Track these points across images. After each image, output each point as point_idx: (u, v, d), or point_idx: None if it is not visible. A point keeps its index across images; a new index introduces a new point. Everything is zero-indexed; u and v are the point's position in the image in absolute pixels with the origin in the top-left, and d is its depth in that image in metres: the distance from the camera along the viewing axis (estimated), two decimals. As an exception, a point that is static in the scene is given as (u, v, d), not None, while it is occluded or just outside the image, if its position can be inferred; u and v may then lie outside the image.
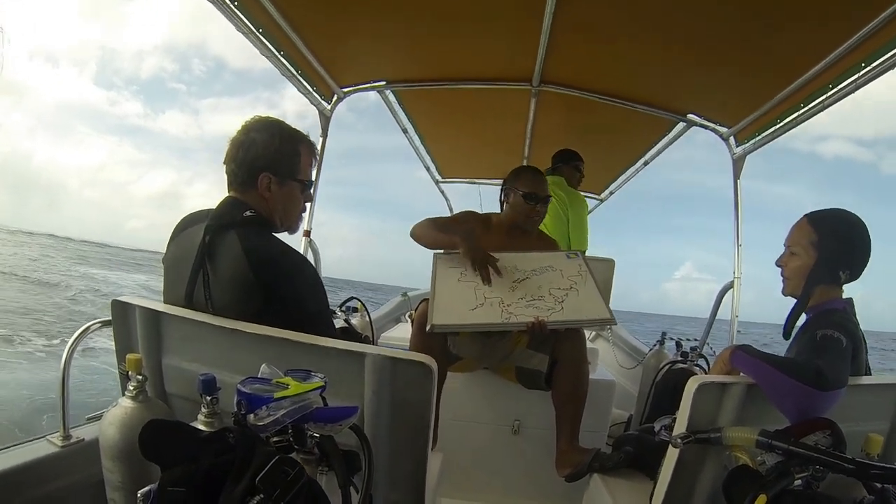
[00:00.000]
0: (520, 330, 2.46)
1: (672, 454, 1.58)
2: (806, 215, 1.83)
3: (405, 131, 4.34)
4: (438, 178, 5.88)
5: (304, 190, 1.77)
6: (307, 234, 3.46)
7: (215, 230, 1.56)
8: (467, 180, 5.91)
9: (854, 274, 1.77)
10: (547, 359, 2.59)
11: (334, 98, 3.51)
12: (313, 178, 1.84)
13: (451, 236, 2.66)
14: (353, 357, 1.42)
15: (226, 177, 1.70)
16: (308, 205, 1.91)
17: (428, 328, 2.34)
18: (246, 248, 1.52)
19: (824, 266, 1.76)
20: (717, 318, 3.56)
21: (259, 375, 1.15)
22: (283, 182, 1.69)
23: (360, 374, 1.42)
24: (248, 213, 1.61)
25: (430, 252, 2.73)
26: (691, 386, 1.52)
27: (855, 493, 1.36)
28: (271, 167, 1.66)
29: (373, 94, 3.67)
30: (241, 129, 1.68)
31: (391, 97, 3.76)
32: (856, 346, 1.62)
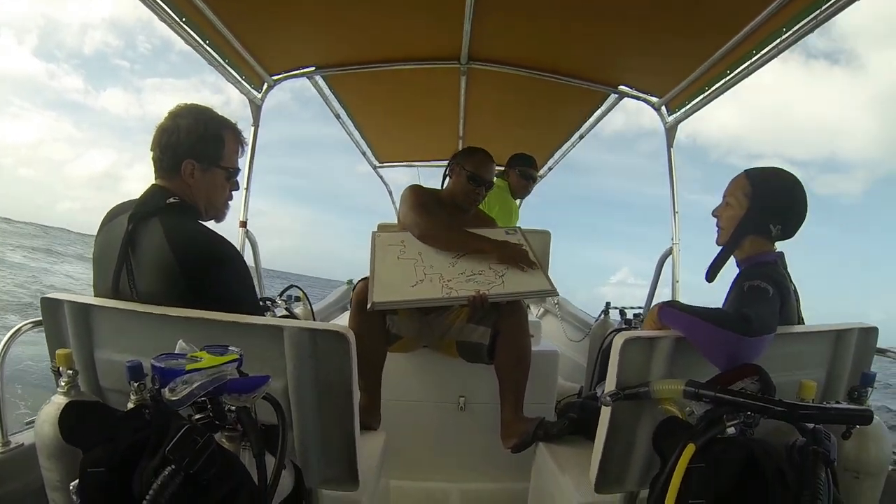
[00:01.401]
0: (461, 304, 2.39)
1: (605, 413, 1.49)
2: (745, 170, 1.78)
3: (338, 117, 4.21)
4: (375, 163, 5.73)
5: (229, 177, 1.72)
6: (243, 224, 3.31)
7: (139, 218, 1.52)
8: (405, 164, 5.77)
9: (786, 230, 1.71)
10: (489, 332, 2.49)
11: (265, 86, 3.38)
12: (240, 167, 1.78)
13: (473, 242, 2.57)
14: (272, 333, 1.37)
15: (152, 164, 1.66)
16: (235, 193, 1.80)
17: (369, 306, 2.24)
18: (168, 235, 1.48)
19: (755, 216, 1.70)
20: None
21: (176, 352, 1.12)
22: (207, 169, 1.65)
23: (281, 350, 1.37)
24: (171, 199, 1.57)
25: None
26: (618, 343, 1.44)
27: (789, 438, 1.27)
28: (195, 153, 1.62)
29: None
30: (168, 115, 1.64)
31: (322, 84, 3.63)
32: (783, 295, 1.55)
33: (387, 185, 6.22)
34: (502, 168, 3.92)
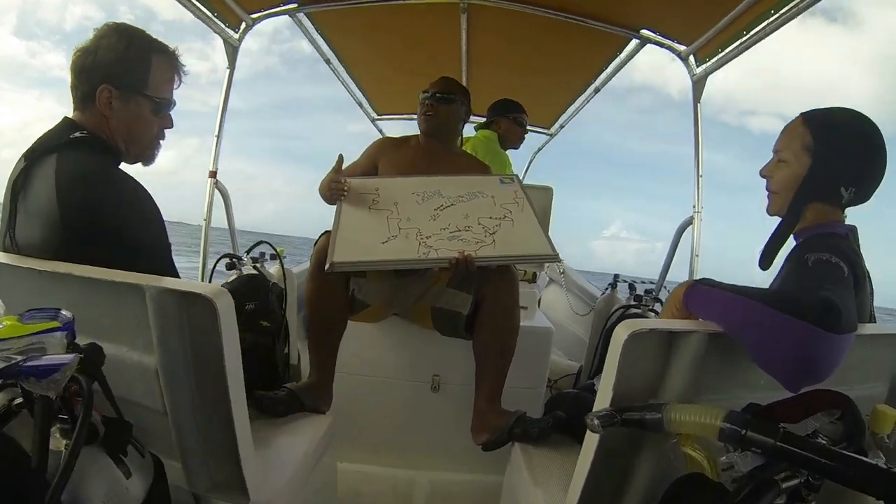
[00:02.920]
0: (441, 267, 1.92)
1: (591, 440, 1.01)
2: (802, 113, 1.29)
3: (328, 62, 3.66)
4: (374, 115, 5.08)
5: (156, 110, 1.37)
6: (213, 174, 2.86)
7: (36, 156, 1.24)
8: (405, 116, 5.03)
9: (862, 193, 1.23)
10: (470, 300, 2.00)
11: (242, 26, 2.89)
12: (175, 100, 1.42)
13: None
14: (136, 294, 1.03)
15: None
16: (167, 131, 1.44)
17: (327, 266, 1.76)
18: (58, 174, 1.19)
19: (820, 177, 1.23)
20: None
21: None
22: (128, 97, 1.31)
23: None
24: (77, 133, 1.26)
25: None
26: (620, 335, 0.95)
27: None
28: (113, 77, 1.29)
29: (305, 42, 3.19)
30: (92, 36, 1.32)
31: (308, 25, 3.12)
32: (857, 281, 1.06)
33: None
34: (483, 119, 3.36)
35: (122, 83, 1.29)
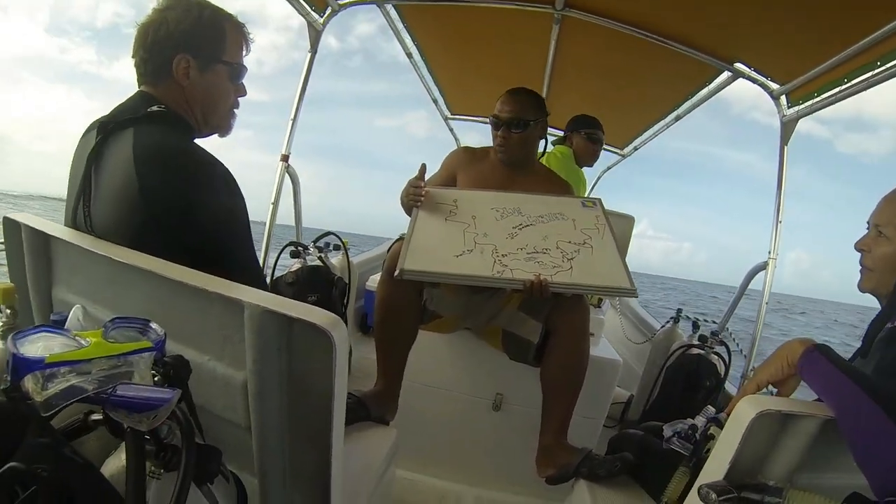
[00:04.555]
0: (514, 288, 1.87)
1: None
2: None
3: (409, 55, 3.67)
4: (447, 113, 5.03)
5: (233, 77, 1.35)
6: (285, 158, 2.88)
7: (110, 130, 1.18)
8: (479, 119, 4.94)
9: None
10: (540, 328, 1.99)
11: (328, 10, 2.90)
12: (247, 67, 1.38)
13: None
14: (233, 308, 0.96)
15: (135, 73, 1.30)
16: (239, 100, 1.40)
17: (396, 273, 1.75)
18: (136, 149, 1.12)
19: None
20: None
21: (66, 325, 0.81)
22: (206, 66, 1.28)
23: (244, 332, 0.97)
24: (154, 107, 1.22)
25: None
26: (747, 411, 0.94)
27: None
28: (189, 46, 1.25)
29: (330, 33, 3.19)
30: (153, 11, 1.27)
31: (394, 15, 3.12)
32: None
33: (457, 140, 5.53)
34: (562, 133, 3.34)
35: (200, 51, 1.27)
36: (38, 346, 0.70)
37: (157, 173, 1.13)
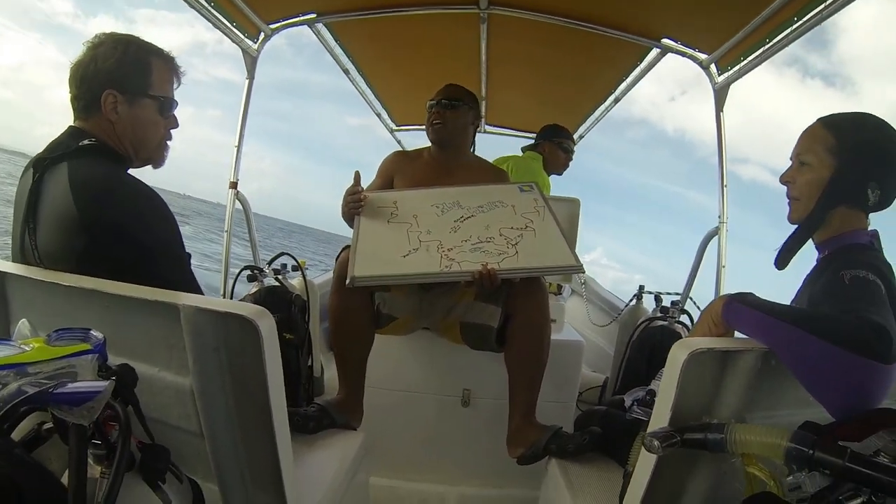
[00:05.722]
0: (465, 281, 1.91)
1: (647, 459, 1.02)
2: (819, 119, 1.28)
3: (346, 72, 3.68)
4: (392, 126, 5.06)
5: (162, 110, 1.39)
6: (233, 185, 2.87)
7: (45, 166, 1.25)
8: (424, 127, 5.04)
9: (888, 194, 1.21)
10: (499, 312, 2.00)
11: (261, 36, 2.93)
12: (177, 99, 1.43)
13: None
14: (168, 312, 1.00)
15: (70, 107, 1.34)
16: (173, 131, 1.45)
17: (348, 282, 1.76)
18: (72, 180, 1.19)
19: (846, 178, 1.21)
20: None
21: (12, 336, 0.86)
22: (133, 100, 1.32)
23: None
24: (86, 141, 1.27)
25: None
26: (678, 355, 0.96)
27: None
28: (116, 82, 1.30)
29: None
30: (84, 49, 1.32)
31: (326, 33, 3.15)
32: (891, 295, 1.05)
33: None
34: (533, 138, 3.44)
35: (126, 87, 1.31)
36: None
37: (92, 199, 1.18)
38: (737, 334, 1.11)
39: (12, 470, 0.69)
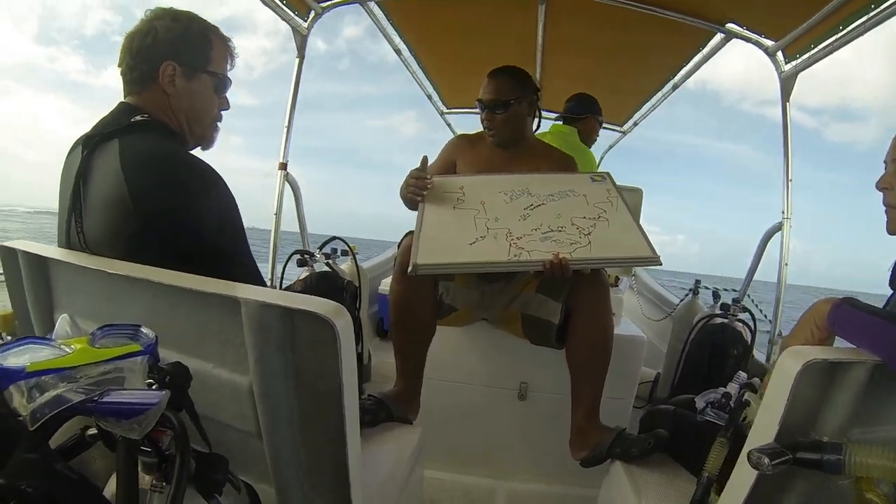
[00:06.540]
0: (535, 270, 1.83)
1: (745, 474, 0.95)
2: None
3: (398, 52, 3.62)
4: (443, 108, 4.96)
5: (218, 88, 1.35)
6: (283, 167, 2.87)
7: (95, 143, 1.18)
8: (475, 110, 4.90)
9: None
10: (560, 308, 1.93)
11: (311, 14, 2.90)
12: (231, 79, 1.38)
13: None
14: (228, 306, 0.92)
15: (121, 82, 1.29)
16: (223, 113, 1.40)
17: (410, 269, 1.68)
18: (123, 158, 1.12)
19: None
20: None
21: (53, 333, 0.80)
22: (192, 74, 1.28)
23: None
24: (138, 117, 1.21)
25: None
26: (790, 365, 0.88)
27: None
28: (176, 54, 1.25)
29: (318, 36, 3.06)
30: (140, 21, 1.28)
31: (379, 13, 3.09)
32: None
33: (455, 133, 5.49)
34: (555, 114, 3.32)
35: (186, 59, 1.27)
36: (24, 357, 0.67)
37: (146, 178, 1.12)
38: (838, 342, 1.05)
39: (51, 486, 0.63)
